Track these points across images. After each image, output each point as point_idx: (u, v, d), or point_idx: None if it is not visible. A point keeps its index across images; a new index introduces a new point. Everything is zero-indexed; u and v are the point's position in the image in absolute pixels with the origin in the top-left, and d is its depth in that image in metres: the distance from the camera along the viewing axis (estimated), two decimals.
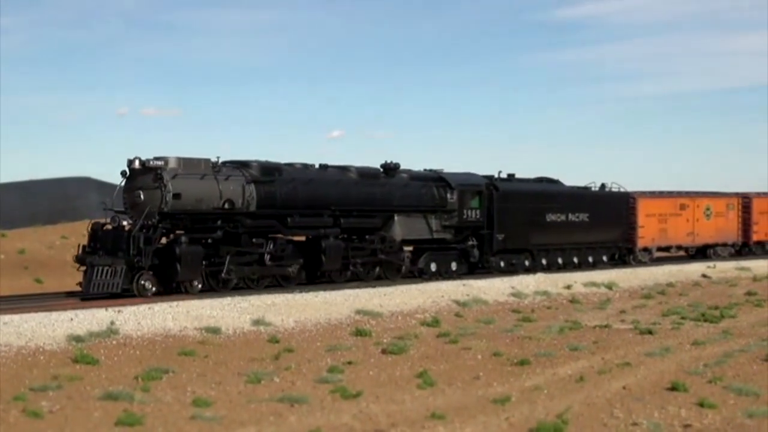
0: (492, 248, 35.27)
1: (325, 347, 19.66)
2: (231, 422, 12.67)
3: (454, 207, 33.91)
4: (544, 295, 30.67)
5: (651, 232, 43.77)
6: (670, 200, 45.31)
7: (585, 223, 39.30)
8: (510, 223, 35.76)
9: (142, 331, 20.31)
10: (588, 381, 15.93)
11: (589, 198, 40.45)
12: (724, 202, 47.92)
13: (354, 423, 12.76)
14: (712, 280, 37.75)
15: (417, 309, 26.01)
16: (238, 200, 27.71)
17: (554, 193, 38.81)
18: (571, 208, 38.85)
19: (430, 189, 33.57)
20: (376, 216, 31.65)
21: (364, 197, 31.33)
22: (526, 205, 36.66)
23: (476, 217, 34.68)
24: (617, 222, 41.42)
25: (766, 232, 49.99)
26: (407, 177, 33.27)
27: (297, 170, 30.05)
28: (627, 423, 12.96)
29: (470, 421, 12.94)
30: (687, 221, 45.70)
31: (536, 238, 37.15)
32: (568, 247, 38.77)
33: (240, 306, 24.02)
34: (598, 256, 40.28)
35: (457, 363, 17.90)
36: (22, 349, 17.81)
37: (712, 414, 13.54)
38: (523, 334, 21.80)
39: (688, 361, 18.11)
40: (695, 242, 46.56)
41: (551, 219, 37.83)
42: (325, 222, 30.00)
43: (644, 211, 43.43)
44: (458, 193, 34.03)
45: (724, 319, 25.04)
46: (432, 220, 33.44)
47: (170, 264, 25.94)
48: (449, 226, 33.95)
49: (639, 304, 29.00)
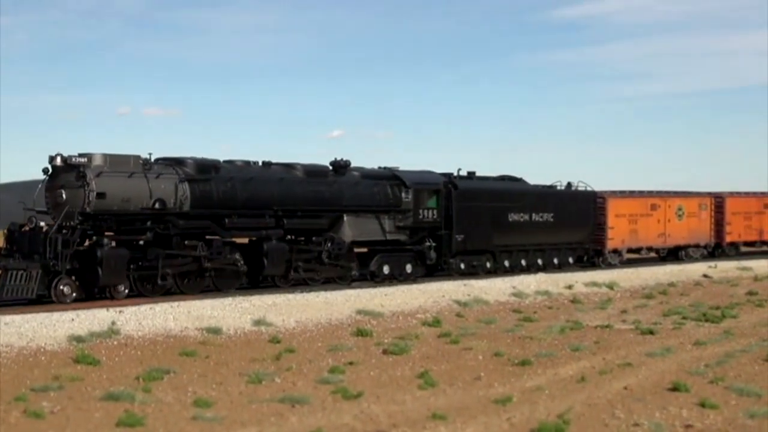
0: (451, 249, 34.02)
1: (326, 347, 19.66)
2: (232, 423, 12.67)
3: (409, 206, 32.65)
4: (545, 294, 30.65)
5: (621, 233, 42.33)
6: (640, 200, 43.89)
7: (550, 224, 38.04)
8: (470, 224, 34.58)
9: (143, 331, 20.31)
10: (589, 381, 15.92)
11: (553, 197, 39.19)
12: (697, 202, 46.46)
13: (355, 423, 12.76)
14: (714, 279, 37.72)
15: (418, 309, 26.00)
16: (170, 200, 26.41)
17: (517, 191, 37.46)
18: (534, 208, 37.58)
19: (384, 188, 32.29)
20: (324, 216, 30.34)
21: (310, 196, 29.96)
22: (487, 205, 35.42)
23: (433, 217, 33.36)
24: (584, 222, 40.14)
25: (739, 232, 48.48)
26: (359, 175, 31.96)
27: (236, 168, 28.74)
28: (628, 423, 12.95)
29: (471, 421, 12.94)
30: (658, 222, 44.25)
31: (498, 238, 35.91)
32: (531, 248, 37.48)
33: (241, 306, 24.03)
34: (564, 257, 39.04)
35: (458, 363, 17.89)
36: (23, 350, 17.82)
37: (713, 414, 13.53)
38: (524, 334, 21.79)
39: (690, 361, 18.10)
40: (666, 243, 45.02)
41: (514, 219, 36.56)
42: (267, 223, 28.62)
43: (614, 211, 42.07)
44: (414, 192, 32.75)
45: (725, 319, 25.02)
46: (385, 220, 32.16)
47: (92, 268, 24.49)
48: (404, 226, 32.69)
49: (640, 304, 28.99)
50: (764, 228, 49.62)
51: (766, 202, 50.00)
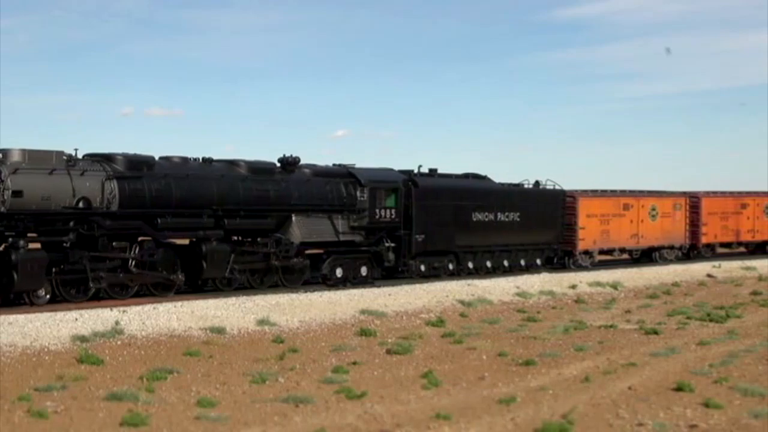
0: (410, 251, 32.48)
1: (330, 347, 19.65)
2: (236, 423, 12.66)
3: (364, 206, 30.99)
4: (549, 294, 30.63)
5: (592, 234, 40.65)
6: (612, 200, 42.18)
7: (516, 224, 36.59)
8: (431, 223, 33.07)
9: (146, 331, 20.31)
10: (593, 381, 15.90)
11: (520, 196, 37.61)
12: (671, 201, 44.87)
13: (359, 423, 12.74)
14: (718, 279, 37.67)
15: (422, 309, 25.99)
16: (95, 198, 24.56)
17: (481, 190, 35.95)
18: (500, 207, 36.03)
19: (337, 186, 30.52)
20: (270, 216, 28.58)
21: (254, 195, 28.21)
22: (449, 203, 33.89)
23: (391, 217, 31.76)
24: (553, 222, 38.66)
25: (715, 233, 46.91)
26: (309, 173, 30.18)
27: (173, 164, 26.95)
28: (632, 423, 12.93)
29: (475, 421, 12.92)
30: (631, 222, 42.60)
31: (461, 239, 34.42)
32: (497, 249, 36.02)
33: (245, 306, 24.03)
34: (531, 259, 37.64)
35: (462, 363, 17.87)
36: (27, 349, 17.82)
37: (717, 414, 13.50)
38: (528, 334, 21.77)
39: (694, 361, 18.07)
40: (640, 245, 43.36)
41: (478, 218, 35.05)
42: (205, 223, 26.84)
43: (585, 211, 40.36)
44: (369, 190, 31.09)
45: (729, 319, 24.99)
46: (338, 220, 30.46)
47: (7, 272, 22.77)
48: (359, 226, 31.07)
49: (644, 304, 28.96)
50: (741, 229, 48.17)
51: (743, 201, 48.46)
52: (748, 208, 48.52)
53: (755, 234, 48.95)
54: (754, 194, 49.74)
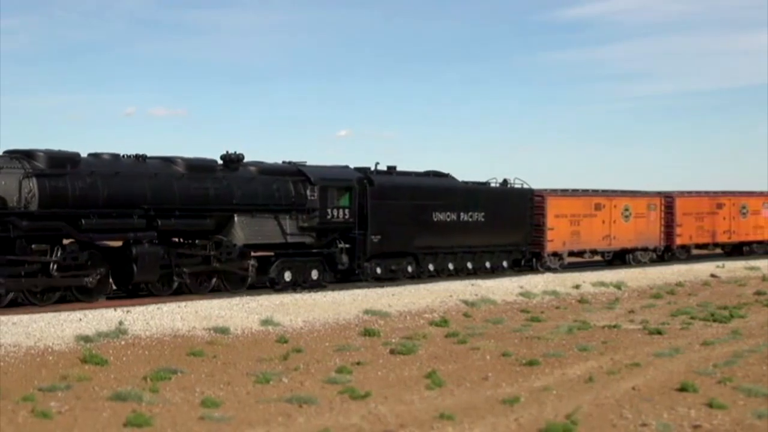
0: (365, 252, 31.00)
1: (334, 347, 19.65)
2: (240, 423, 12.67)
3: (315, 205, 29.34)
4: (552, 294, 30.61)
5: (561, 235, 38.96)
6: (583, 199, 40.58)
7: (480, 224, 35.02)
8: (388, 223, 31.55)
9: (150, 331, 20.32)
10: (597, 381, 15.89)
11: (485, 195, 36.03)
12: (645, 202, 43.30)
13: (363, 423, 12.74)
14: (721, 279, 37.64)
15: (425, 309, 25.99)
16: (12, 197, 23.17)
17: (443, 188, 34.33)
18: (463, 207, 34.47)
19: (285, 184, 28.88)
20: (209, 216, 26.90)
21: (191, 194, 26.50)
22: (408, 202, 32.43)
23: (344, 217, 30.17)
24: (520, 223, 37.05)
25: (690, 234, 45.32)
26: (255, 170, 28.59)
27: (101, 161, 25.18)
28: (636, 424, 12.92)
29: (479, 421, 12.92)
30: (603, 223, 40.88)
31: (421, 240, 32.87)
32: (460, 250, 34.47)
33: (248, 306, 24.05)
34: (497, 261, 36.08)
35: (465, 363, 17.87)
36: (31, 350, 17.83)
37: (721, 415, 13.49)
38: (531, 334, 21.76)
39: (698, 361, 18.06)
40: (612, 246, 41.68)
41: (439, 218, 33.53)
42: (136, 224, 25.18)
43: (553, 211, 38.71)
44: (320, 189, 29.50)
45: (733, 319, 24.98)
46: (286, 220, 28.78)
47: None
48: (309, 227, 29.41)
49: (648, 304, 28.94)
50: (717, 229, 46.73)
51: (719, 201, 47.02)
52: (724, 208, 47.03)
53: (731, 235, 47.45)
54: (730, 194, 48.20)
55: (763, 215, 48.94)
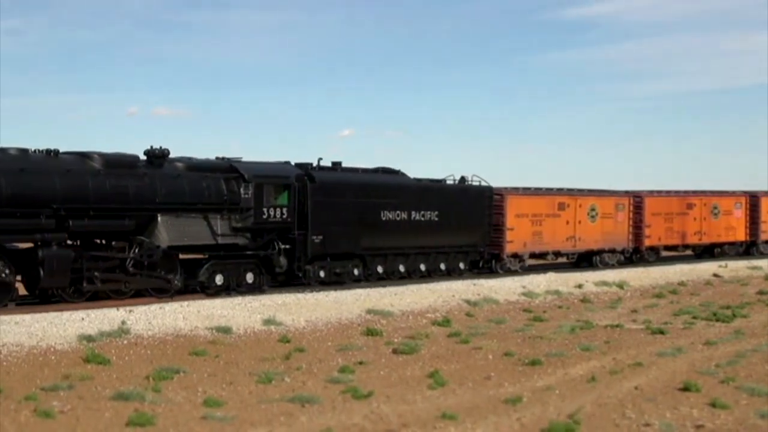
0: (306, 254, 29.11)
1: (336, 347, 19.65)
2: (242, 422, 12.67)
3: (249, 204, 27.29)
4: (555, 294, 30.60)
5: (522, 236, 37.01)
6: (546, 198, 38.61)
7: (434, 223, 33.12)
8: (331, 223, 29.66)
9: (153, 330, 20.32)
10: (600, 381, 15.89)
11: (439, 193, 33.99)
12: (613, 201, 41.22)
13: (365, 423, 12.74)
14: (724, 279, 37.62)
15: (428, 308, 25.98)
16: None
17: (392, 186, 32.33)
18: (415, 205, 32.56)
19: (216, 182, 26.80)
20: (128, 216, 24.77)
21: (108, 192, 24.39)
22: (353, 201, 30.52)
23: (282, 216, 28.14)
24: (477, 222, 34.98)
25: (659, 235, 43.34)
26: (182, 167, 26.51)
27: (6, 156, 23.47)
28: (639, 423, 12.92)
29: (481, 421, 12.92)
30: (567, 223, 38.79)
31: (368, 240, 30.98)
32: (412, 252, 32.64)
33: (251, 306, 24.03)
34: (453, 262, 34.20)
35: (468, 363, 17.87)
36: (33, 349, 17.84)
37: (724, 414, 13.49)
38: (534, 334, 21.76)
39: (700, 361, 18.05)
40: (577, 248, 39.61)
41: (388, 218, 31.63)
42: (44, 225, 23.24)
43: (514, 210, 36.79)
44: (255, 186, 27.42)
45: (736, 318, 24.97)
46: (217, 220, 26.71)
47: None
48: (243, 228, 27.40)
49: (650, 304, 28.93)
50: (687, 230, 44.81)
51: (689, 201, 45.16)
52: (695, 208, 45.29)
53: (702, 236, 45.64)
54: (701, 193, 46.61)
55: (735, 216, 47.25)
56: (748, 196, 48.16)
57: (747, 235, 47.88)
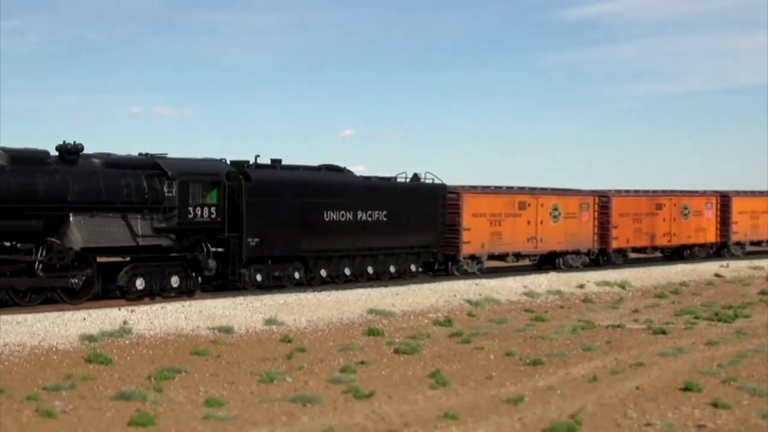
0: (241, 257, 27.55)
1: (338, 347, 19.66)
2: (244, 422, 12.68)
3: (173, 203, 25.55)
4: (556, 294, 30.60)
5: (480, 236, 35.37)
6: (506, 197, 36.98)
7: (383, 224, 31.60)
8: (269, 224, 28.12)
9: (154, 330, 20.34)
10: (601, 381, 15.89)
11: (387, 191, 32.45)
12: (577, 201, 39.61)
13: (367, 423, 12.75)
14: (726, 279, 37.60)
15: (429, 308, 25.98)
16: None
17: (337, 184, 30.79)
18: (362, 205, 31.06)
19: (137, 179, 25.03)
20: (36, 216, 23.23)
21: (12, 190, 22.81)
22: (293, 200, 29.00)
23: (211, 217, 26.46)
24: (430, 222, 33.38)
25: (627, 237, 41.72)
26: (99, 163, 24.78)
27: None
28: (641, 423, 12.92)
29: (483, 421, 12.92)
30: (528, 223, 37.27)
31: (310, 242, 29.42)
32: (358, 254, 31.12)
33: (252, 305, 24.05)
34: (404, 265, 32.67)
35: (469, 363, 17.87)
36: (35, 349, 17.86)
37: (726, 414, 13.49)
38: (535, 334, 21.76)
39: (702, 361, 18.04)
40: (538, 249, 38.03)
41: (332, 218, 30.15)
42: None
43: (470, 209, 35.12)
44: (179, 184, 25.68)
45: (737, 318, 24.96)
46: (137, 221, 25.03)
47: None
48: (166, 228, 25.71)
49: (652, 304, 28.92)
50: (656, 232, 43.27)
51: (658, 201, 43.69)
52: (664, 208, 43.76)
53: (672, 238, 44.15)
54: (671, 193, 45.17)
55: (705, 216, 45.78)
56: (719, 196, 46.78)
57: (717, 236, 46.39)
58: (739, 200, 47.40)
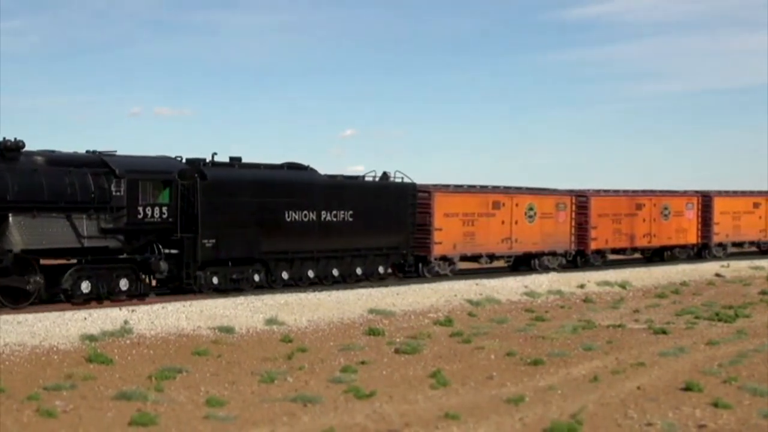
0: (197, 259, 26.25)
1: (338, 347, 19.67)
2: (244, 422, 12.68)
3: (121, 203, 24.34)
4: (557, 294, 30.60)
5: (452, 237, 34.19)
6: (479, 197, 35.77)
7: (349, 224, 30.40)
8: (226, 225, 26.86)
9: (155, 330, 20.35)
10: (602, 381, 15.89)
11: (354, 191, 31.15)
12: (553, 201, 38.50)
13: (367, 423, 12.75)
14: (726, 279, 37.60)
15: (430, 308, 25.99)
16: None
17: (299, 183, 29.41)
18: (326, 204, 29.78)
19: (82, 178, 23.78)
20: None
21: None
22: (252, 200, 27.74)
23: (162, 217, 25.28)
24: (399, 222, 32.16)
25: (606, 238, 40.49)
26: (42, 161, 23.59)
27: None
28: (641, 423, 12.93)
29: (484, 421, 12.92)
30: (502, 224, 36.05)
31: (271, 244, 28.11)
32: (322, 255, 29.76)
33: (253, 305, 24.05)
34: (372, 266, 31.39)
35: (470, 363, 17.88)
36: (36, 349, 17.86)
37: (726, 414, 13.49)
38: (536, 334, 21.76)
39: (703, 361, 18.05)
40: (513, 250, 36.72)
41: (293, 218, 28.88)
42: None
43: (442, 209, 33.94)
44: (128, 182, 24.47)
45: (738, 318, 24.96)
46: (83, 221, 23.76)
47: None
48: (114, 229, 24.42)
49: (653, 304, 28.92)
50: (636, 233, 42.06)
51: (638, 201, 42.48)
52: (644, 208, 42.52)
53: (652, 239, 42.90)
54: (651, 193, 44.02)
55: (686, 217, 44.56)
56: (700, 196, 45.69)
57: (699, 237, 45.17)
58: (720, 200, 46.29)
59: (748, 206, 47.72)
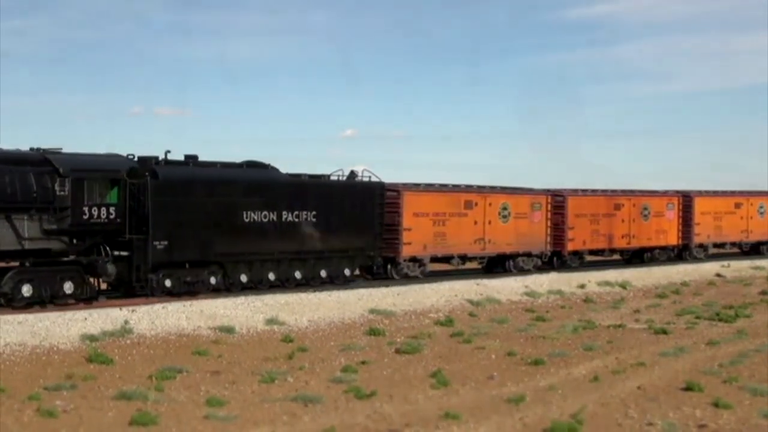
0: (147, 261, 25.09)
1: (339, 347, 19.66)
2: (245, 422, 12.68)
3: (65, 203, 23.28)
4: (557, 294, 30.59)
5: (422, 237, 33.06)
6: (450, 196, 34.61)
7: (312, 225, 29.23)
8: (179, 226, 25.68)
9: (155, 330, 20.34)
10: (602, 381, 15.89)
11: (317, 190, 29.92)
12: (528, 200, 37.29)
13: (368, 423, 12.75)
14: (727, 279, 37.58)
15: (430, 308, 25.98)
16: None
17: (258, 182, 28.13)
18: (287, 204, 28.57)
19: (23, 176, 22.80)
20: None
21: None
22: (207, 200, 26.54)
23: (109, 217, 24.17)
24: (366, 223, 30.98)
25: (584, 239, 39.34)
26: None
27: None
28: (642, 423, 12.92)
29: (484, 421, 12.92)
30: (475, 224, 34.90)
31: (227, 245, 26.93)
32: (284, 257, 28.59)
33: (253, 305, 24.03)
34: (337, 268, 30.16)
35: (470, 362, 17.87)
36: (37, 349, 17.86)
37: (727, 414, 13.49)
38: (537, 334, 21.75)
39: (703, 361, 18.04)
40: (486, 251, 35.54)
41: (252, 219, 27.65)
42: None
43: (411, 208, 32.81)
44: (73, 181, 23.38)
45: (738, 318, 24.95)
46: (23, 222, 22.77)
47: None
48: (58, 230, 23.42)
49: (653, 304, 28.90)
50: (615, 234, 40.92)
51: (617, 202, 41.37)
52: (623, 209, 41.40)
53: (631, 240, 41.69)
54: (630, 193, 42.91)
55: (666, 217, 43.39)
56: (681, 196, 44.58)
57: (679, 238, 43.91)
58: (701, 200, 45.17)
59: (730, 206, 46.78)
